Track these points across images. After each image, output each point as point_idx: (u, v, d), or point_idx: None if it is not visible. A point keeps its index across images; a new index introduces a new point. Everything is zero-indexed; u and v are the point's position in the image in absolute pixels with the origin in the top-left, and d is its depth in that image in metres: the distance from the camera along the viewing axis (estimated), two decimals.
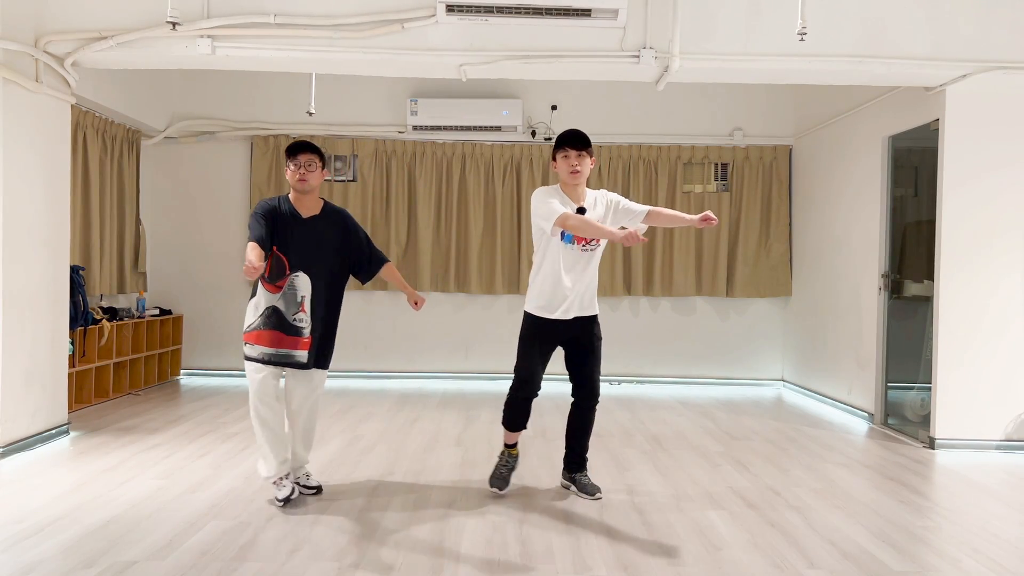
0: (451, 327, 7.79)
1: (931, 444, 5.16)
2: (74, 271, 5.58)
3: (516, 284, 7.68)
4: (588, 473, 4.07)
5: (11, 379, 4.57)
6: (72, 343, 5.60)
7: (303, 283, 3.69)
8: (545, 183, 7.63)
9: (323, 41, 4.77)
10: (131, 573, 2.86)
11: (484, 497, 3.89)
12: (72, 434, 5.10)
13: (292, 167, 3.68)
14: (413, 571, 2.93)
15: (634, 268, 7.63)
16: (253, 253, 3.42)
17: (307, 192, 3.72)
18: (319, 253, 3.73)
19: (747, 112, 7.69)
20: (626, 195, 7.62)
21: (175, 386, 7.15)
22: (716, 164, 7.71)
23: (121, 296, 7.09)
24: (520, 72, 5.05)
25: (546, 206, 3.67)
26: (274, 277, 3.68)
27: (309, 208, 3.76)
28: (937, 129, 5.23)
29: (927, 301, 5.53)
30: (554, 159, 3.81)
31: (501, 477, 3.99)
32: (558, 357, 4.09)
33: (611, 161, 7.64)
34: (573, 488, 4.00)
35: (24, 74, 4.63)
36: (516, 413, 4.00)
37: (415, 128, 7.45)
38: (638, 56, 4.84)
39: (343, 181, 7.63)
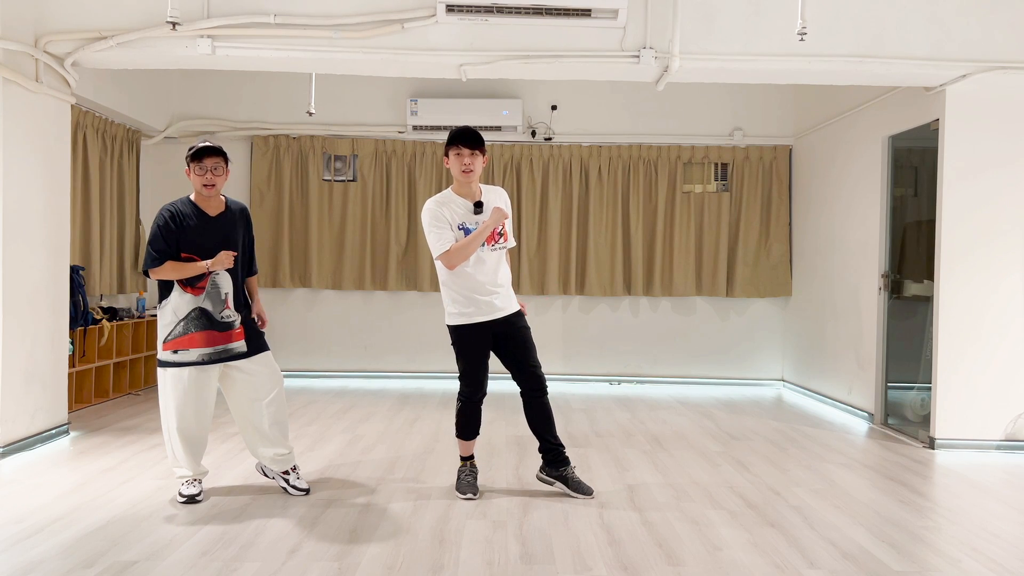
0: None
1: (931, 444, 5.16)
2: (74, 271, 5.58)
3: (516, 284, 7.66)
4: (575, 469, 3.99)
5: (11, 379, 4.57)
6: (72, 343, 5.60)
7: (224, 280, 3.76)
8: (545, 183, 7.64)
9: (323, 41, 4.77)
10: (131, 573, 2.86)
11: (484, 497, 3.89)
12: (72, 434, 5.10)
13: (198, 171, 3.69)
14: (413, 571, 2.93)
15: (634, 268, 7.63)
16: (176, 268, 3.64)
17: (214, 195, 3.77)
18: (231, 248, 3.78)
19: (747, 112, 7.70)
20: (626, 195, 7.64)
21: None
22: (716, 164, 7.71)
23: (121, 296, 7.09)
24: (520, 72, 5.05)
25: (432, 235, 3.74)
26: (192, 280, 3.71)
27: (215, 207, 3.80)
28: (937, 129, 5.23)
29: (927, 301, 5.53)
30: (447, 155, 3.79)
31: (469, 484, 3.92)
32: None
33: (611, 161, 7.64)
34: (560, 486, 3.93)
35: (24, 74, 4.63)
36: (469, 420, 3.94)
37: (415, 128, 7.45)
38: (638, 56, 4.84)
39: (343, 181, 7.63)
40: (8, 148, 4.51)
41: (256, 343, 3.85)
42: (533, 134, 7.61)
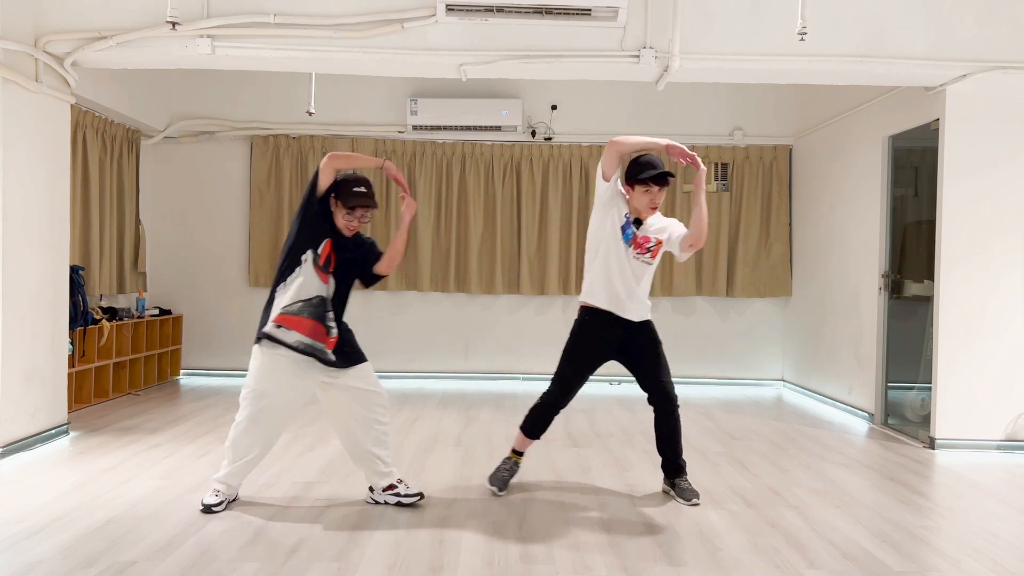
0: (451, 327, 7.79)
1: (931, 444, 5.16)
2: (74, 271, 5.58)
3: (516, 284, 7.68)
4: (688, 478, 3.95)
5: (11, 379, 4.57)
6: (72, 343, 5.60)
7: (331, 288, 3.64)
8: (545, 183, 7.65)
9: (323, 41, 4.77)
10: (131, 573, 2.86)
11: (484, 497, 3.89)
12: (72, 434, 5.10)
13: (346, 216, 3.58)
14: (413, 571, 2.93)
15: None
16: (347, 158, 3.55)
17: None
18: (348, 269, 3.71)
19: (747, 112, 7.69)
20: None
21: (175, 386, 7.15)
22: (716, 164, 7.70)
23: (121, 296, 7.09)
24: (520, 72, 5.05)
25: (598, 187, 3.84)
26: (325, 265, 3.58)
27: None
28: (937, 129, 5.23)
29: (927, 301, 5.53)
30: (630, 185, 3.78)
31: (502, 479, 3.96)
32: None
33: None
34: (672, 493, 3.93)
35: (24, 74, 4.63)
36: (540, 421, 3.95)
37: (415, 128, 7.45)
38: (638, 56, 4.84)
39: None
40: (8, 148, 4.51)
41: (349, 358, 3.64)
42: (533, 134, 7.61)
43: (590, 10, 4.58)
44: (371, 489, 3.76)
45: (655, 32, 4.85)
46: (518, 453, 4.06)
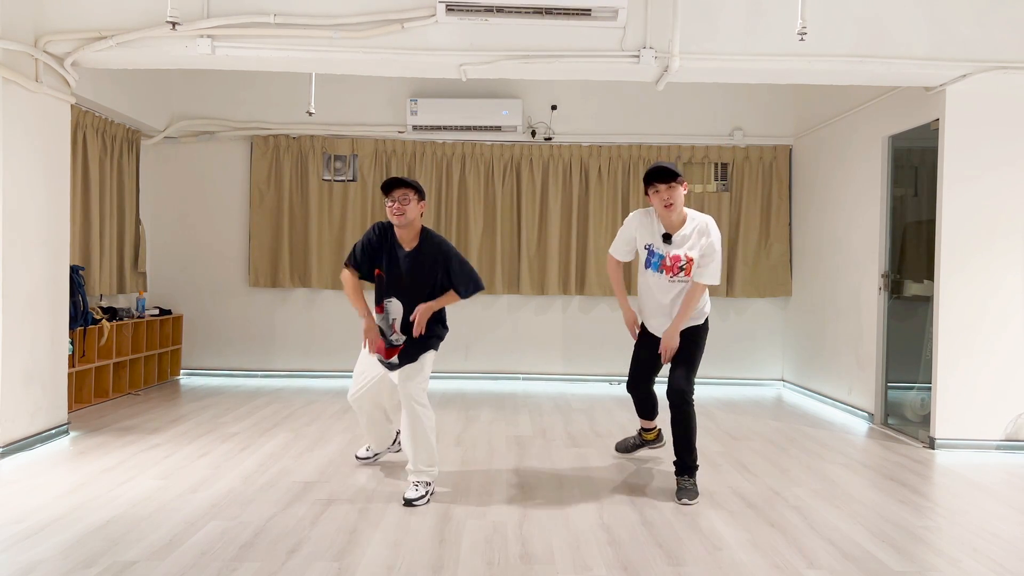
0: (451, 327, 7.74)
1: (931, 444, 5.16)
2: (74, 271, 5.58)
3: (516, 284, 7.68)
4: (693, 479, 3.96)
5: (11, 379, 4.57)
6: (72, 343, 5.60)
7: (395, 308, 3.98)
8: (545, 183, 7.65)
9: (323, 41, 4.77)
10: (131, 573, 2.86)
11: (484, 497, 3.89)
12: (72, 434, 5.10)
13: (388, 202, 3.82)
14: (413, 571, 2.93)
15: (634, 268, 7.62)
16: (350, 291, 4.07)
17: (404, 226, 3.84)
18: (415, 286, 3.92)
19: (747, 112, 7.69)
20: (626, 195, 7.64)
21: (175, 386, 7.15)
22: (716, 164, 7.71)
23: (121, 296, 7.09)
24: (520, 72, 5.05)
25: (618, 237, 4.21)
26: (376, 302, 4.09)
27: (408, 240, 3.91)
28: (937, 129, 5.23)
29: (927, 301, 5.53)
30: (647, 194, 3.96)
31: (625, 446, 4.65)
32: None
33: (611, 161, 7.64)
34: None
35: (24, 74, 4.63)
36: (635, 404, 4.46)
37: (415, 128, 7.45)
38: (638, 56, 4.84)
39: (343, 181, 7.63)
40: (8, 148, 4.51)
41: (406, 358, 3.94)
42: (533, 134, 7.61)
43: (590, 10, 4.58)
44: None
45: (655, 32, 4.85)
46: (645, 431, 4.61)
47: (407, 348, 3.94)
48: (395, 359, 3.95)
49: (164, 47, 4.76)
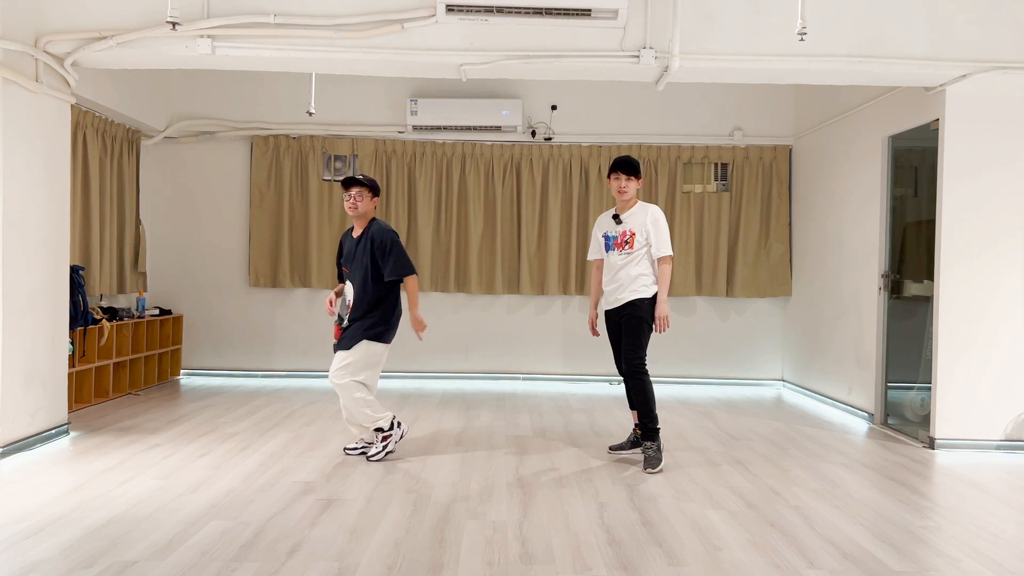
0: (451, 327, 7.79)
1: (931, 444, 5.16)
2: (74, 271, 5.58)
3: (516, 284, 7.68)
4: (657, 445, 4.48)
5: (11, 379, 4.57)
6: (72, 343, 5.60)
7: (349, 291, 4.54)
8: (545, 183, 7.67)
9: (323, 41, 4.77)
10: (131, 573, 2.86)
11: (484, 497, 3.89)
12: (72, 434, 5.10)
13: (345, 196, 4.52)
14: (413, 571, 2.93)
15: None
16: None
17: (358, 217, 4.57)
18: (354, 267, 4.55)
19: (747, 112, 7.70)
20: None
21: (175, 386, 7.15)
22: (716, 164, 7.71)
23: (121, 296, 7.09)
24: (520, 72, 5.05)
25: (591, 242, 4.92)
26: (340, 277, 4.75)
27: (358, 229, 4.60)
28: (937, 129, 5.23)
29: (927, 301, 5.53)
30: (609, 179, 4.67)
31: (619, 446, 4.86)
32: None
33: (611, 161, 7.62)
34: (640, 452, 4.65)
35: (24, 74, 4.63)
36: (627, 392, 4.74)
37: (415, 128, 7.45)
38: (638, 56, 4.84)
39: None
40: (8, 148, 4.51)
41: (341, 343, 4.48)
42: (533, 134, 7.61)
43: (590, 10, 4.58)
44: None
45: (655, 32, 4.85)
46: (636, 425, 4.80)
47: (344, 334, 4.47)
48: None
49: (164, 47, 4.76)
